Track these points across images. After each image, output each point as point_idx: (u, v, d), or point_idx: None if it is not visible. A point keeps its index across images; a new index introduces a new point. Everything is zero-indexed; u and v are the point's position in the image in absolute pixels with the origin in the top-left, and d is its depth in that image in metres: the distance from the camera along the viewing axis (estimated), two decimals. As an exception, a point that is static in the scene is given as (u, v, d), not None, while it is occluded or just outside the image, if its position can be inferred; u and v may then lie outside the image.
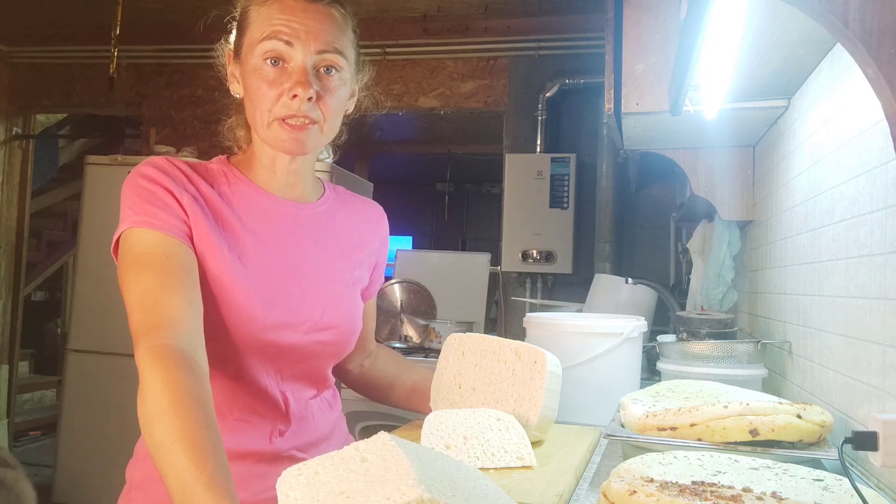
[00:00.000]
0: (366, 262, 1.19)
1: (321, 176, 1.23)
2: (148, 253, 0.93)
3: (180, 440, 0.72)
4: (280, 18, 0.99)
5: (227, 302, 0.98)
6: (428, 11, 3.84)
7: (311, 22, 1.00)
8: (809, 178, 1.35)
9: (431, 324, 3.54)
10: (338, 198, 1.19)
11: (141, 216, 0.95)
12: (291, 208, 1.09)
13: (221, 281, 0.98)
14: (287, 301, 1.03)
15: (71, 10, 3.91)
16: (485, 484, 0.71)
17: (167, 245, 0.94)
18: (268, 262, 1.03)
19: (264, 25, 0.99)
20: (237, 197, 1.05)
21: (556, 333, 1.42)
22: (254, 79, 1.00)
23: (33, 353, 5.73)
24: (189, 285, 0.92)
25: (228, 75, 1.07)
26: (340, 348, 1.12)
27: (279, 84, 0.99)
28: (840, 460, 0.71)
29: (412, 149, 7.08)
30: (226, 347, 0.99)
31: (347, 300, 1.12)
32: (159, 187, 0.98)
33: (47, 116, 5.51)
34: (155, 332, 0.84)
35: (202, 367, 0.84)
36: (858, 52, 0.65)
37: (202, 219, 0.99)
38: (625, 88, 1.54)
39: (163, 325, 0.85)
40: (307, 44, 0.99)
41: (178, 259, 0.93)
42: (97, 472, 3.36)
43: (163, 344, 0.83)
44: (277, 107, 0.99)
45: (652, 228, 3.70)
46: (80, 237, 3.62)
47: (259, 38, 0.99)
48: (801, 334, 1.38)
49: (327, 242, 1.12)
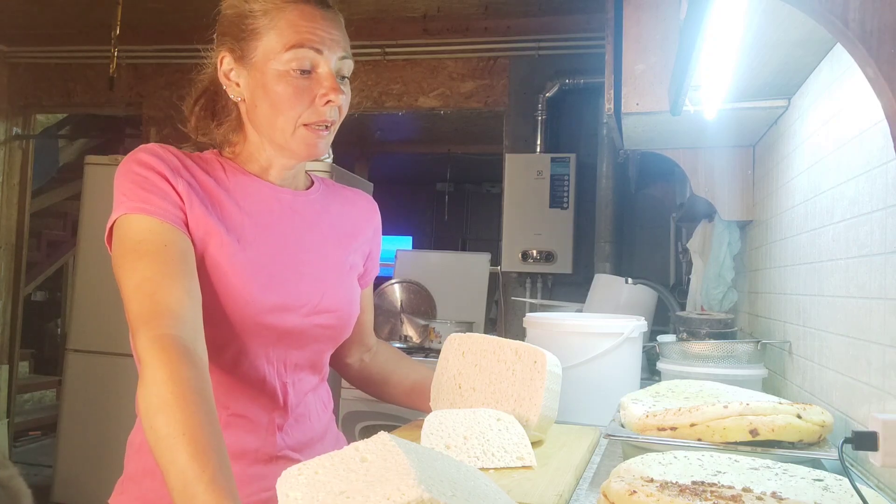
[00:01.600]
0: (360, 250, 1.19)
1: (322, 175, 1.23)
2: (144, 240, 0.92)
3: (183, 435, 0.72)
4: (305, 26, 0.99)
5: (225, 285, 0.98)
6: (428, 11, 3.84)
7: (332, 28, 1.02)
8: (809, 178, 1.35)
9: (431, 324, 3.54)
10: (328, 188, 1.20)
11: (136, 202, 0.94)
12: (287, 195, 1.10)
13: (220, 264, 0.98)
14: (285, 284, 1.03)
15: (71, 10, 3.91)
16: (485, 484, 0.71)
17: (164, 232, 0.93)
18: (266, 245, 1.03)
19: (288, 33, 0.99)
20: (233, 183, 1.05)
21: (556, 333, 1.42)
22: (282, 86, 0.99)
23: (33, 353, 5.74)
24: (187, 274, 0.91)
25: (222, 77, 1.05)
26: (339, 332, 1.12)
27: (310, 91, 1.00)
28: (840, 460, 0.71)
29: (412, 149, 7.08)
30: (225, 333, 0.99)
31: (345, 284, 1.13)
32: (153, 173, 0.97)
33: (47, 116, 5.51)
34: (156, 321, 0.84)
35: (203, 360, 0.84)
36: (858, 52, 0.65)
37: (198, 203, 0.99)
38: (625, 88, 1.54)
39: (163, 314, 0.85)
40: (333, 50, 1.01)
41: (176, 247, 0.93)
42: (97, 472, 3.35)
43: (165, 334, 0.82)
44: (307, 113, 1.00)
45: (652, 228, 3.70)
46: (80, 237, 3.63)
47: (285, 45, 0.99)
48: (801, 334, 1.38)
49: (322, 228, 1.12)
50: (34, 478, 4.22)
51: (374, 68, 3.97)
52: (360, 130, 5.97)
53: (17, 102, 4.46)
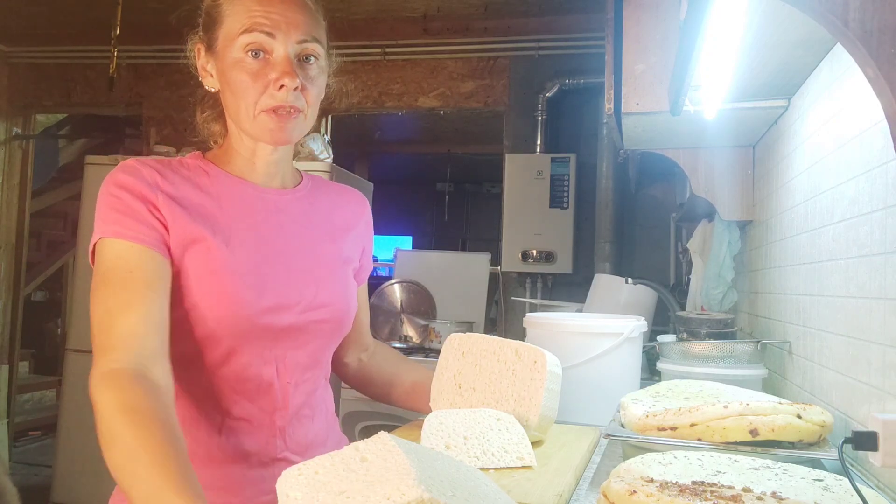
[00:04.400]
0: (353, 243, 1.19)
1: (321, 176, 1.23)
2: (112, 268, 0.94)
3: (138, 460, 0.73)
4: (258, 10, 0.99)
5: (218, 291, 0.98)
6: (428, 11, 3.84)
7: (289, 12, 1.00)
8: (809, 178, 1.35)
9: (431, 324, 3.54)
10: (317, 184, 1.19)
11: (110, 225, 0.95)
12: (272, 195, 1.09)
13: (210, 270, 0.98)
14: (277, 283, 1.03)
15: (71, 10, 3.91)
16: (485, 484, 0.71)
17: (132, 257, 0.94)
18: (254, 246, 1.03)
19: (242, 18, 0.99)
20: (216, 187, 1.05)
21: (556, 333, 1.42)
22: (236, 72, 1.00)
23: (33, 353, 5.73)
24: (148, 300, 0.92)
25: (200, 69, 1.06)
26: (337, 326, 1.11)
27: (264, 75, 0.99)
28: (840, 460, 0.71)
29: (412, 149, 7.08)
30: (222, 338, 0.99)
31: (339, 278, 1.12)
32: (128, 194, 0.97)
33: (47, 116, 5.51)
34: (106, 356, 0.87)
35: (159, 382, 0.86)
36: (858, 52, 0.65)
37: (181, 214, 0.99)
38: (625, 88, 1.54)
39: (115, 347, 0.87)
40: (288, 34, 0.99)
41: (141, 272, 0.94)
42: (96, 472, 3.33)
43: (111, 369, 0.85)
44: (264, 98, 0.99)
45: (652, 228, 3.70)
46: (80, 237, 3.63)
47: (238, 30, 0.99)
48: (801, 334, 1.38)
49: (311, 225, 1.12)
50: (34, 478, 4.22)
51: (374, 68, 3.97)
52: (360, 130, 5.97)
53: (17, 102, 4.46)
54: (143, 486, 0.71)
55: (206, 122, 1.12)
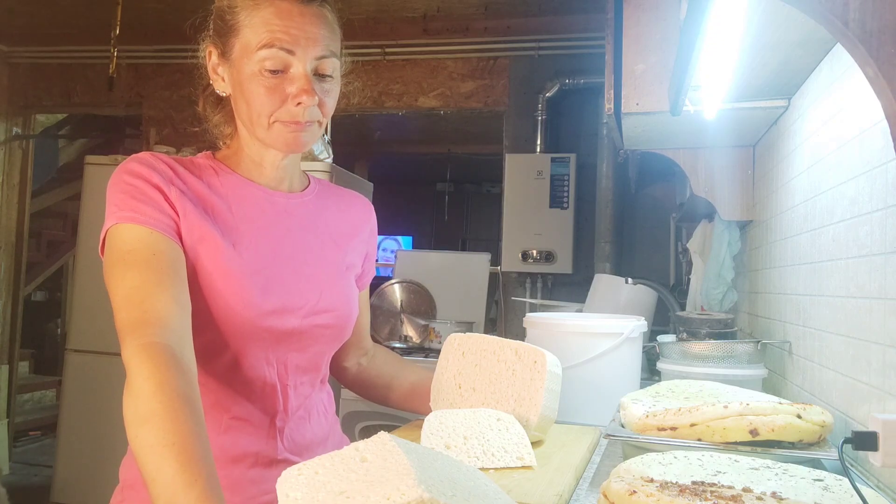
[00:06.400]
0: (357, 250, 1.19)
1: (321, 176, 1.23)
2: (134, 250, 0.92)
3: (173, 445, 0.71)
4: (278, 24, 0.97)
5: (223, 290, 0.97)
6: (428, 11, 3.84)
7: (309, 26, 0.98)
8: (809, 178, 1.35)
9: (431, 324, 3.54)
10: (324, 189, 1.19)
11: (126, 212, 0.94)
12: (281, 198, 1.09)
13: (216, 269, 0.98)
14: (283, 286, 1.03)
15: (71, 10, 3.91)
16: (485, 484, 0.71)
17: (153, 241, 0.93)
18: (261, 248, 1.03)
19: (261, 31, 0.97)
20: (226, 188, 1.05)
21: (556, 333, 1.42)
22: (253, 85, 0.99)
23: (33, 353, 5.73)
24: (176, 283, 0.91)
25: (211, 72, 1.05)
26: (339, 331, 1.11)
27: (281, 91, 0.98)
28: (840, 460, 0.71)
29: (412, 149, 7.08)
30: (225, 337, 0.99)
31: (342, 284, 1.12)
32: (145, 182, 0.97)
33: (47, 116, 5.51)
34: (143, 329, 0.83)
35: (191, 368, 0.83)
36: (858, 52, 0.65)
37: (192, 210, 0.98)
38: (625, 88, 1.54)
39: (151, 322, 0.84)
40: (307, 50, 0.98)
41: (165, 256, 0.93)
42: (96, 472, 3.35)
43: (152, 342, 0.82)
44: (280, 111, 0.99)
45: (652, 228, 3.70)
46: (80, 237, 3.63)
47: (257, 44, 0.97)
48: (801, 334, 1.38)
49: (317, 230, 1.12)
50: (34, 478, 4.22)
51: (374, 68, 3.97)
52: (360, 130, 5.97)
53: (17, 102, 4.46)
54: (167, 484, 0.68)
55: (217, 125, 1.11)
